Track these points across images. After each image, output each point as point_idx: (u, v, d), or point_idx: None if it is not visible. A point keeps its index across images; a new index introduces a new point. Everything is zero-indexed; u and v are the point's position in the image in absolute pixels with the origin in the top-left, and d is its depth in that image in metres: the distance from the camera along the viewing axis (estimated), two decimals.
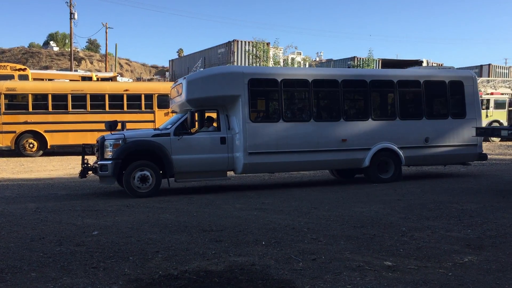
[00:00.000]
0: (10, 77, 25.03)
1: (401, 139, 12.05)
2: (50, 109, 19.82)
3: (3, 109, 19.22)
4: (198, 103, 10.91)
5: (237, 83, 10.88)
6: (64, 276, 4.85)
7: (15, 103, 19.93)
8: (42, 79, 27.54)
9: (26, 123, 19.50)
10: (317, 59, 47.95)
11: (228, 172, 11.10)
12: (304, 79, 11.66)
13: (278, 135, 11.10)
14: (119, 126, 10.47)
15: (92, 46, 78.94)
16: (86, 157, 10.94)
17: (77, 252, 5.69)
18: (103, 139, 10.35)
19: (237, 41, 35.20)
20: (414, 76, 12.90)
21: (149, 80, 52.84)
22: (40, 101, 19.82)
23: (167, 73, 53.27)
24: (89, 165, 10.68)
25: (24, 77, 25.71)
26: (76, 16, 40.41)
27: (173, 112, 13.26)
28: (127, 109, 20.51)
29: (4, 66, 27.47)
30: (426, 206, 8.63)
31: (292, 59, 37.46)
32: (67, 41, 72.97)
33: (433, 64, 39.64)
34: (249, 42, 35.10)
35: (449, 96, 12.81)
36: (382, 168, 12.00)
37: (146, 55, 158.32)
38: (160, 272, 4.96)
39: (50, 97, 19.81)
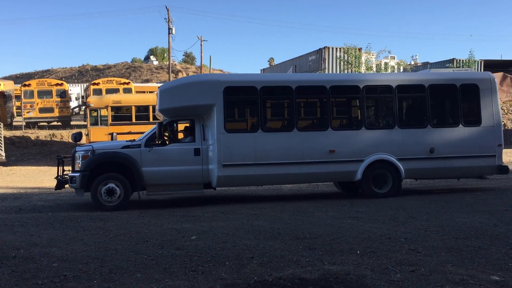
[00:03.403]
0: (116, 90, 27.13)
1: (400, 150, 10.76)
2: (151, 119, 21.03)
3: (110, 120, 20.73)
4: (171, 113, 10.57)
5: (211, 92, 10.24)
6: (166, 278, 5.11)
7: (120, 114, 21.40)
8: (144, 92, 29.37)
9: (129, 133, 20.86)
10: (412, 63, 46.13)
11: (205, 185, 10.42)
12: (286, 86, 10.75)
13: (257, 146, 10.31)
14: (111, 137, 10.36)
15: (188, 58, 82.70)
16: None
17: (178, 256, 5.97)
18: (74, 151, 10.18)
19: (328, 47, 34.95)
20: (417, 80, 11.68)
21: None
22: (142, 112, 21.11)
23: None
24: (63, 177, 10.47)
25: (128, 90, 27.69)
26: (174, 31, 42.62)
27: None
28: None
29: (111, 80, 29.82)
30: None
31: (386, 63, 36.43)
32: (165, 55, 77.11)
33: None
34: (340, 48, 34.69)
35: (460, 101, 11.20)
36: (379, 181, 10.81)
37: (239, 65, 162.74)
38: (255, 278, 5.05)
39: (151, 108, 21.02)
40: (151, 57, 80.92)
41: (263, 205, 10.08)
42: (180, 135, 11.32)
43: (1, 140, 22.37)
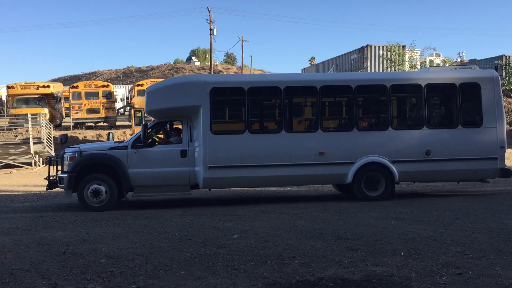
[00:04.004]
0: None
1: (394, 152, 10.39)
2: None
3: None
4: (159, 114, 10.58)
5: (198, 93, 10.11)
6: (209, 275, 5.18)
7: None
8: None
9: None
10: (459, 60, 44.81)
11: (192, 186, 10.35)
12: (275, 87, 10.49)
13: (243, 147, 10.16)
14: (107, 136, 10.27)
15: (229, 59, 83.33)
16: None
17: (220, 254, 6.04)
18: (63, 152, 10.27)
19: (370, 46, 34.41)
20: (413, 79, 11.18)
21: None
22: None
23: None
24: (53, 178, 10.50)
25: None
26: (215, 32, 43.04)
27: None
28: None
29: (155, 81, 30.45)
30: None
31: (430, 61, 35.54)
32: (207, 56, 78.04)
33: None
34: (383, 46, 34.11)
35: (459, 101, 10.70)
36: (371, 184, 10.45)
37: (279, 64, 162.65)
38: (297, 278, 5.04)
39: None
40: (193, 58, 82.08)
41: (305, 205, 10.05)
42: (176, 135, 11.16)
43: (51, 140, 23.28)
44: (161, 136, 11.04)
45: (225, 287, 4.80)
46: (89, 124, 30.64)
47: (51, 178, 10.48)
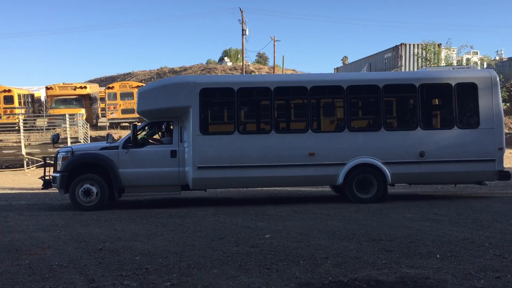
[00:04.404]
0: None
1: (386, 153, 10.18)
2: None
3: None
4: (150, 115, 10.64)
5: (188, 94, 10.12)
6: (241, 274, 5.21)
7: None
8: None
9: None
10: (497, 58, 43.49)
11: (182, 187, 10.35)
12: (265, 87, 10.40)
13: (233, 148, 10.11)
14: (106, 137, 10.39)
15: (261, 59, 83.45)
16: None
17: (252, 253, 6.07)
18: (57, 152, 10.44)
19: (405, 44, 33.81)
20: (407, 79, 10.91)
21: None
22: None
23: None
24: (48, 177, 10.60)
25: None
26: (247, 32, 43.25)
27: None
28: None
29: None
30: None
31: (467, 59, 34.63)
32: (239, 56, 78.42)
33: None
34: (418, 44, 33.44)
35: (455, 102, 10.40)
36: (364, 186, 10.27)
37: (311, 64, 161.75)
38: (330, 278, 5.01)
39: None
40: (225, 58, 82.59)
41: (337, 205, 9.97)
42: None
43: (87, 140, 23.87)
44: (157, 136, 11.13)
45: (257, 286, 4.82)
46: (124, 124, 31.25)
47: (46, 177, 10.63)
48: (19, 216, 9.41)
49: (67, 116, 24.53)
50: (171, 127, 10.55)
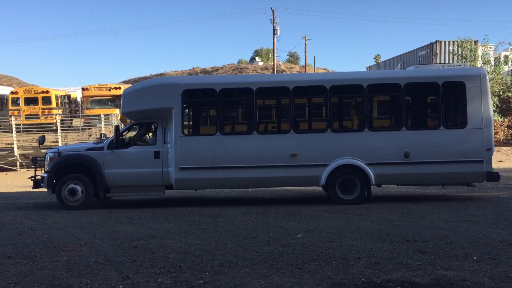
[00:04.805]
0: None
1: (370, 154, 9.96)
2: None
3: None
4: (135, 116, 10.76)
5: (170, 95, 10.15)
6: (273, 274, 5.22)
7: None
8: None
9: None
10: None
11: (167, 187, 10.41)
12: (247, 88, 10.31)
13: (214, 149, 10.08)
14: (100, 137, 10.45)
15: (292, 58, 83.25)
16: None
17: (284, 253, 6.06)
18: (46, 153, 10.69)
19: (440, 41, 33.08)
20: (392, 78, 10.58)
21: None
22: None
23: None
24: (38, 177, 10.72)
25: None
26: (278, 32, 43.27)
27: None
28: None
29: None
30: None
31: (506, 56, 33.60)
32: (270, 56, 78.41)
33: None
34: (453, 42, 32.67)
35: (442, 101, 10.06)
36: (348, 187, 10.09)
37: (343, 63, 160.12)
38: (363, 279, 4.96)
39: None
40: (256, 58, 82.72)
41: (370, 206, 9.86)
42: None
43: None
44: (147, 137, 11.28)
45: (289, 286, 4.82)
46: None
47: (35, 177, 10.81)
48: (57, 214, 9.69)
49: (102, 116, 25.07)
50: (156, 128, 10.68)
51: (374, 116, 10.79)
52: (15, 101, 30.27)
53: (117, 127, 10.52)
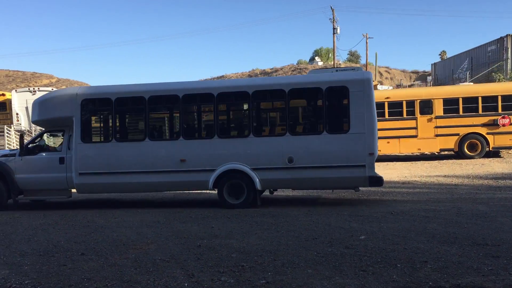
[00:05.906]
0: None
1: (255, 159, 10.13)
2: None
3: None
4: (43, 124, 11.60)
5: (71, 105, 10.75)
6: (336, 275, 5.17)
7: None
8: None
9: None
10: None
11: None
12: (139, 97, 10.69)
13: (110, 155, 10.60)
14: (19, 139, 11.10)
15: (353, 57, 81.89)
16: None
17: (347, 254, 5.99)
18: None
19: (511, 35, 31.36)
20: (276, 84, 10.67)
21: (409, 86, 51.76)
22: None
23: (428, 78, 51.19)
24: None
25: None
26: (338, 31, 42.66)
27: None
28: (388, 116, 20.29)
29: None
30: None
31: None
32: (330, 55, 77.65)
33: None
34: None
35: (325, 106, 10.13)
36: (237, 192, 10.29)
37: (406, 61, 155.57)
38: (430, 283, 4.80)
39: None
40: (316, 58, 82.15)
41: (436, 207, 9.52)
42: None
43: None
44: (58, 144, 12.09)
45: None
46: None
47: None
48: (125, 213, 10.11)
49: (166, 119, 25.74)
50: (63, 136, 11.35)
51: (259, 122, 10.99)
52: None
53: (21, 135, 11.33)
